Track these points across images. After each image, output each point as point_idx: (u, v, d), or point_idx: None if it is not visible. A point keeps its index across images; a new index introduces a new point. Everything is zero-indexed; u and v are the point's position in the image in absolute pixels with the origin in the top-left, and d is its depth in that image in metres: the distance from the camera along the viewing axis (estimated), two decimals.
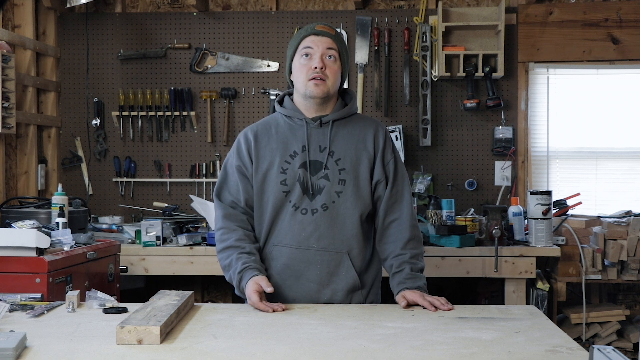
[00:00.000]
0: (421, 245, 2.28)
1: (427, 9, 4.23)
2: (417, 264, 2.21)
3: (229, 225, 2.23)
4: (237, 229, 2.22)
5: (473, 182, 4.22)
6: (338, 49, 2.22)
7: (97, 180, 4.38)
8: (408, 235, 2.23)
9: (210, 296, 4.44)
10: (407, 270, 2.18)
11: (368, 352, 1.57)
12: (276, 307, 2.01)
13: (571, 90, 4.26)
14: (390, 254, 2.24)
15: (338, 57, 2.22)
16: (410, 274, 2.17)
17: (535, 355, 1.55)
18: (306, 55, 2.20)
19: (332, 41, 2.21)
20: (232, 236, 2.20)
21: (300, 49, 2.22)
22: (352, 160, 2.22)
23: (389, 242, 2.25)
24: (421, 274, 2.21)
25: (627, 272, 3.65)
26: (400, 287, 2.15)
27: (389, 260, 2.24)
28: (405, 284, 2.15)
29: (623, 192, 4.22)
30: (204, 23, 4.35)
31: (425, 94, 4.19)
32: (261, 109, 4.31)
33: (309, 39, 2.21)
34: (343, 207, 2.20)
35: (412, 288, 2.13)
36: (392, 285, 2.21)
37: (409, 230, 2.24)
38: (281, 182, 2.20)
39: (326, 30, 2.22)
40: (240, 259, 2.15)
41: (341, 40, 2.25)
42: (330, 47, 2.20)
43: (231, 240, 2.20)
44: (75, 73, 4.40)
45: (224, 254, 2.21)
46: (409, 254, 2.21)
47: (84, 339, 1.66)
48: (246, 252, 2.17)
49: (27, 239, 2.54)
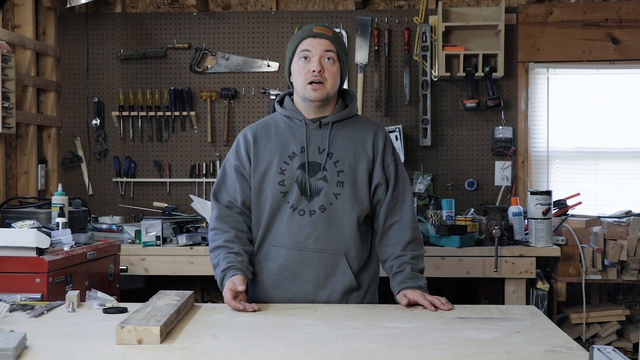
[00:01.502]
0: (422, 247, 2.28)
1: (427, 9, 4.23)
2: (418, 265, 2.21)
3: (222, 226, 2.24)
4: (229, 230, 2.23)
5: (473, 182, 4.22)
6: (336, 50, 2.21)
7: (97, 180, 4.38)
8: (409, 237, 2.23)
9: (210, 296, 4.44)
10: (407, 270, 2.18)
11: (368, 352, 1.57)
12: (248, 307, 2.01)
13: (571, 90, 4.26)
14: (390, 255, 2.23)
15: (336, 59, 2.21)
16: (411, 274, 2.17)
17: (535, 355, 1.55)
18: (304, 59, 2.19)
19: (330, 43, 2.20)
20: (223, 237, 2.22)
21: (298, 52, 2.21)
22: (351, 162, 2.22)
23: (390, 244, 2.25)
24: (422, 275, 2.21)
25: (627, 272, 3.65)
26: (401, 287, 2.15)
27: (389, 262, 2.23)
28: (406, 283, 2.15)
29: (623, 192, 4.22)
30: (204, 23, 4.35)
31: (425, 94, 4.19)
32: (261, 109, 4.31)
33: (306, 41, 2.21)
34: (341, 209, 2.20)
35: (412, 287, 2.13)
36: (392, 286, 2.21)
37: (410, 232, 2.24)
38: (279, 182, 2.20)
39: (324, 32, 2.21)
40: (226, 259, 2.16)
41: (339, 41, 2.24)
42: (328, 49, 2.19)
43: (220, 241, 2.21)
44: (75, 73, 4.40)
45: (214, 254, 2.22)
46: (410, 255, 2.21)
47: (84, 339, 1.66)
48: (233, 252, 2.18)
49: (27, 239, 2.54)
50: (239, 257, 2.18)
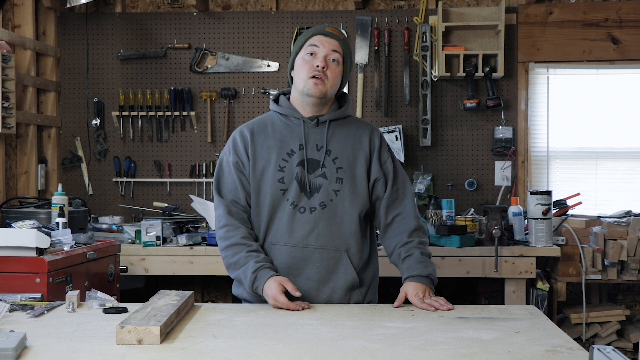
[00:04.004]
0: (426, 236, 2.29)
1: (427, 9, 4.23)
2: (426, 250, 2.22)
3: (233, 222, 2.20)
4: (241, 226, 2.20)
5: (473, 182, 4.22)
6: (343, 53, 2.23)
7: (97, 180, 4.38)
8: (414, 225, 2.24)
9: (210, 296, 4.44)
10: (417, 254, 2.18)
11: (368, 352, 1.57)
12: (305, 305, 2.04)
13: (571, 90, 4.26)
14: (397, 244, 2.23)
15: (341, 62, 2.23)
16: (420, 257, 2.18)
17: (535, 355, 1.55)
18: (311, 54, 2.21)
19: (339, 45, 2.23)
20: (238, 233, 2.18)
21: (306, 46, 2.23)
22: (349, 158, 2.23)
23: (394, 235, 2.25)
24: (431, 260, 2.21)
25: (627, 272, 3.65)
26: (410, 272, 2.15)
27: (396, 250, 2.23)
28: (417, 269, 2.15)
29: (623, 192, 4.22)
30: (204, 23, 4.35)
31: (425, 94, 4.19)
32: (261, 109, 4.31)
33: (316, 37, 2.23)
34: (341, 205, 2.20)
35: (422, 275, 2.13)
36: (401, 270, 2.20)
37: (414, 221, 2.25)
38: (279, 180, 2.20)
39: (335, 33, 2.24)
40: (251, 257, 2.13)
41: (347, 46, 2.27)
42: (336, 49, 2.22)
43: (237, 238, 2.17)
44: (75, 73, 4.40)
45: (230, 252, 2.18)
46: (417, 240, 2.22)
47: (84, 339, 1.66)
48: (254, 251, 2.16)
49: (27, 239, 2.54)
50: (262, 255, 2.16)
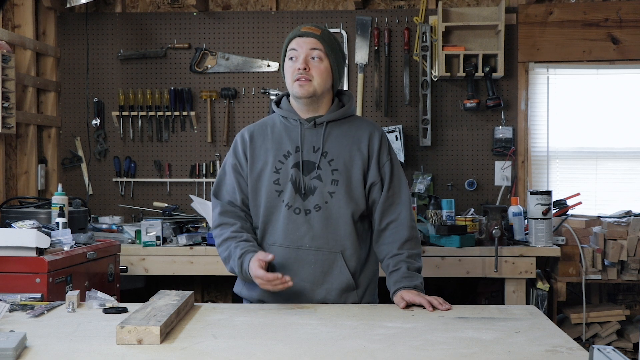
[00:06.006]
0: (419, 246, 2.28)
1: (427, 9, 4.23)
2: (414, 264, 2.21)
3: (226, 220, 2.25)
4: (235, 223, 2.24)
5: (473, 182, 4.22)
6: (324, 48, 2.21)
7: (97, 180, 4.38)
8: (406, 236, 2.23)
9: (210, 296, 4.44)
10: (403, 269, 2.18)
11: (368, 352, 1.57)
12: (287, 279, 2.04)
13: (571, 90, 4.26)
14: (387, 254, 2.24)
15: (324, 56, 2.21)
16: (407, 272, 2.17)
17: (535, 355, 1.55)
18: (291, 58, 2.23)
19: (317, 41, 2.21)
20: (229, 229, 2.23)
21: (287, 51, 2.25)
22: (346, 161, 2.23)
23: (386, 243, 2.25)
24: (418, 274, 2.21)
25: (627, 272, 3.65)
26: (396, 286, 2.16)
27: (386, 260, 2.24)
28: (402, 282, 2.15)
29: (623, 192, 4.22)
30: (204, 23, 4.35)
31: (425, 94, 4.19)
32: (261, 109, 4.31)
33: (294, 41, 2.23)
34: (336, 207, 2.20)
35: (408, 287, 2.13)
36: (388, 285, 2.21)
37: (407, 231, 2.24)
38: (274, 181, 2.22)
39: (311, 30, 2.22)
40: (238, 246, 2.17)
41: (328, 39, 2.24)
42: (314, 47, 2.20)
43: (228, 232, 2.22)
44: (75, 73, 4.40)
45: (223, 247, 2.23)
46: (406, 254, 2.21)
47: (84, 339, 1.66)
48: (243, 240, 2.19)
49: (27, 239, 2.54)
50: (250, 242, 2.19)
